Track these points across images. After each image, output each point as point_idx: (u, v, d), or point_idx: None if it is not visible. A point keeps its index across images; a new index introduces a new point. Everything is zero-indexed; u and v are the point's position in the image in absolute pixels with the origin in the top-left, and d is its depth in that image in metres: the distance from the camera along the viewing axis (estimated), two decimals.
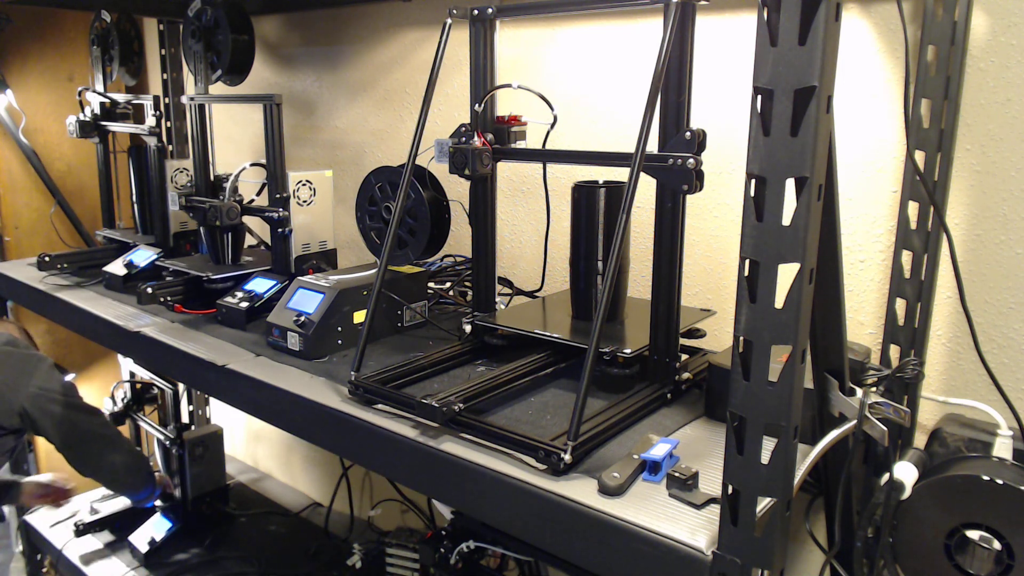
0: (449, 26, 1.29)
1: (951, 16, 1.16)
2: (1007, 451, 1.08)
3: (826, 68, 0.68)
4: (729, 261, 1.51)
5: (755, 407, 0.76)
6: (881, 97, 1.30)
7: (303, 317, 1.42)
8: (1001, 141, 1.19)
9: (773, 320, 0.73)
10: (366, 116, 2.13)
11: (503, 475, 1.00)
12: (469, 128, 1.33)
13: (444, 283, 1.75)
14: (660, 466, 0.97)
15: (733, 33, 1.44)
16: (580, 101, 1.66)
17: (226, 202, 1.73)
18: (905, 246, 1.25)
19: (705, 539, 0.85)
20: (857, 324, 1.37)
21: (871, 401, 1.00)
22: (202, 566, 2.13)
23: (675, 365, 1.21)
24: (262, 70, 2.35)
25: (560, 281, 1.71)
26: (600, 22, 1.61)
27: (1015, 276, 1.21)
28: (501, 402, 1.19)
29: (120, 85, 2.41)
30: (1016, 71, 1.17)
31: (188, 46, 1.93)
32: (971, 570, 0.98)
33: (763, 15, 0.69)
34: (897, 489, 1.00)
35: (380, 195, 1.55)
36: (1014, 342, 1.22)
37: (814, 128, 0.69)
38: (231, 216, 1.73)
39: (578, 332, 1.30)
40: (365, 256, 1.84)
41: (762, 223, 0.73)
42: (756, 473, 0.77)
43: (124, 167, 2.22)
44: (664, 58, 1.06)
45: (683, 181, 1.09)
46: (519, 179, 1.81)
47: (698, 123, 1.10)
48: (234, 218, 1.74)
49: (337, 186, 2.02)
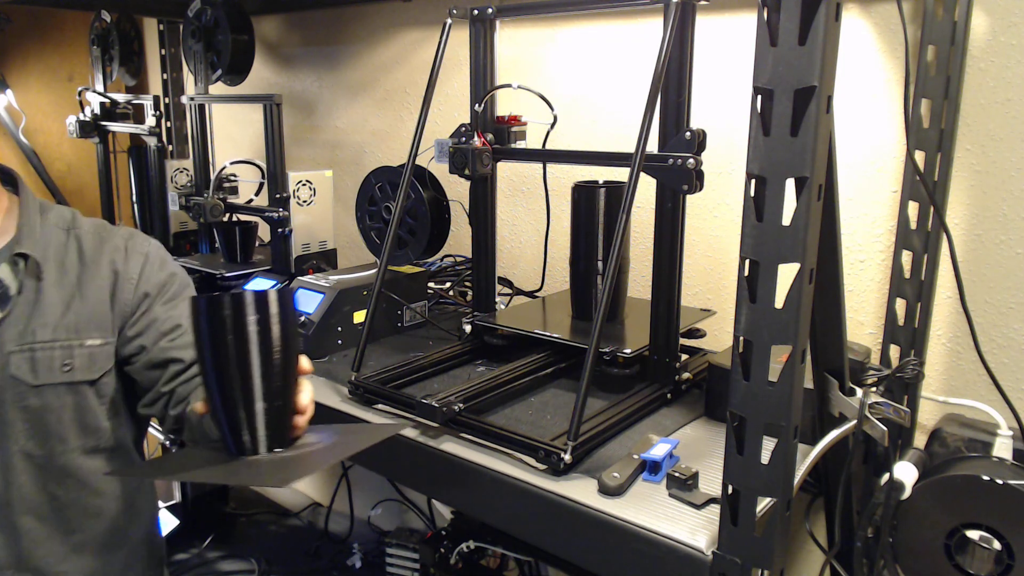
0: (449, 26, 1.29)
1: (951, 16, 1.16)
2: (1007, 451, 1.08)
3: (826, 68, 0.68)
4: (729, 261, 1.51)
5: (755, 407, 0.76)
6: (881, 97, 1.30)
7: (303, 317, 1.42)
8: (1001, 141, 1.19)
9: (773, 320, 0.73)
10: (366, 116, 2.13)
11: (503, 475, 1.00)
12: (469, 128, 1.33)
13: (444, 283, 1.75)
14: (660, 466, 0.97)
15: (733, 33, 1.44)
16: (580, 101, 1.66)
17: (210, 199, 1.74)
18: (905, 246, 1.25)
19: (705, 539, 0.85)
20: (857, 324, 1.37)
21: (871, 401, 1.00)
22: (202, 566, 2.13)
23: (675, 365, 1.21)
24: (262, 70, 2.35)
25: (560, 281, 1.71)
26: (600, 22, 1.61)
27: (1015, 276, 1.21)
28: (501, 402, 1.19)
29: (120, 85, 2.42)
30: (1016, 71, 1.17)
31: (188, 46, 1.94)
32: (971, 570, 0.98)
33: (763, 15, 0.69)
34: (897, 489, 1.00)
35: (380, 195, 1.55)
36: (1014, 342, 1.22)
37: (814, 128, 0.69)
38: (215, 213, 1.75)
39: (578, 332, 1.30)
40: (365, 256, 1.84)
41: (762, 223, 0.72)
42: (756, 473, 0.77)
43: (124, 167, 2.22)
44: (664, 58, 1.06)
45: (683, 181, 1.09)
46: (519, 179, 1.81)
47: (698, 123, 1.10)
48: (217, 215, 1.76)
49: (337, 186, 2.02)
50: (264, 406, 0.80)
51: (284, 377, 0.81)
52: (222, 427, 0.81)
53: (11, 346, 1.03)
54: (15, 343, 1.03)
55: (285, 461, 0.80)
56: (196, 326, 0.79)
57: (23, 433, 1.05)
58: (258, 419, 0.80)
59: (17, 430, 1.04)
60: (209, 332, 0.79)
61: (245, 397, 0.79)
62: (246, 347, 0.78)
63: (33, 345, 1.04)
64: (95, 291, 1.09)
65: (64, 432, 1.07)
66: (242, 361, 0.78)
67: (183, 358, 1.10)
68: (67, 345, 1.06)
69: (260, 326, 0.79)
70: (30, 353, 1.04)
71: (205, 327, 0.79)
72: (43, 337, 1.05)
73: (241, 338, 0.78)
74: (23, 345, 1.03)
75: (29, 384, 1.04)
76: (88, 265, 1.10)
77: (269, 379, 0.80)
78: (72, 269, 1.09)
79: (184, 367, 1.10)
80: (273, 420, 0.81)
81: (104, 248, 1.12)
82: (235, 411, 0.79)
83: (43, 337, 1.05)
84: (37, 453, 1.06)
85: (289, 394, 0.82)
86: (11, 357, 1.03)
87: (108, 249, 1.12)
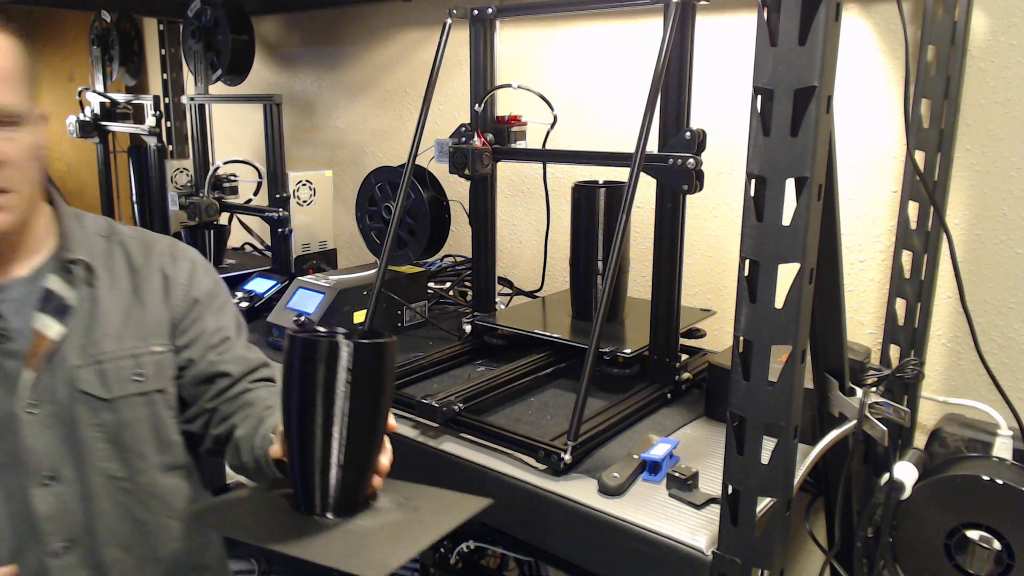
0: (449, 26, 1.29)
1: (951, 16, 1.16)
2: (1007, 451, 1.08)
3: (826, 68, 0.68)
4: (729, 261, 1.51)
5: (755, 407, 0.76)
6: (881, 97, 1.30)
7: (303, 317, 1.42)
8: (1001, 141, 1.19)
9: (773, 320, 0.73)
10: (366, 116, 2.13)
11: (503, 475, 1.00)
12: (469, 128, 1.33)
13: (444, 283, 1.75)
14: (660, 466, 0.97)
15: (733, 33, 1.44)
16: (580, 101, 1.66)
17: (205, 199, 1.73)
18: (905, 246, 1.25)
19: (705, 539, 0.85)
20: (857, 324, 1.37)
21: (871, 401, 1.00)
22: None
23: (675, 365, 1.21)
24: (262, 70, 2.35)
25: (560, 281, 1.71)
26: (600, 22, 1.61)
27: (1015, 276, 1.21)
28: (501, 402, 1.19)
29: (120, 85, 2.41)
30: (1016, 71, 1.17)
31: (188, 46, 1.94)
32: (971, 570, 0.98)
33: (763, 15, 0.69)
34: (897, 489, 1.00)
35: (380, 195, 1.55)
36: (1014, 342, 1.22)
37: (814, 128, 0.69)
38: (210, 213, 1.73)
39: (578, 332, 1.30)
40: (365, 256, 1.84)
41: (762, 223, 0.72)
42: (756, 473, 0.77)
43: (124, 167, 2.22)
44: (664, 58, 1.06)
45: (683, 181, 1.09)
46: (519, 179, 1.81)
47: (698, 123, 1.10)
48: (213, 214, 1.74)
49: (337, 186, 2.02)
50: (344, 467, 0.72)
51: (372, 437, 0.74)
52: (295, 479, 0.74)
53: (75, 360, 0.94)
54: (79, 357, 0.94)
55: (366, 534, 0.72)
56: (290, 368, 0.72)
57: (101, 453, 0.95)
58: (336, 480, 0.72)
59: (95, 451, 0.95)
60: (301, 377, 0.71)
61: (325, 453, 0.71)
62: (337, 400, 0.71)
63: (99, 357, 0.95)
64: (151, 297, 1.02)
65: (143, 448, 0.99)
66: (328, 414, 0.71)
67: (231, 372, 1.03)
68: (135, 353, 0.98)
69: (362, 377, 0.71)
70: (97, 366, 0.95)
71: (299, 370, 0.71)
72: (109, 348, 0.96)
73: (330, 389, 0.70)
74: (88, 358, 0.94)
75: (101, 399, 0.95)
76: (139, 271, 1.02)
77: (356, 439, 0.72)
78: (123, 276, 1.01)
79: (232, 382, 1.03)
80: (351, 483, 0.73)
81: (152, 253, 1.04)
82: (312, 467, 0.72)
83: (109, 348, 0.96)
84: (119, 475, 0.97)
85: (374, 455, 0.75)
86: (78, 372, 0.94)
87: (155, 254, 1.05)
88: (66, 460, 0.93)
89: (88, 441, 0.95)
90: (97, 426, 0.95)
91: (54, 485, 0.92)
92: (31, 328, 0.91)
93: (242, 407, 1.01)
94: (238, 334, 1.08)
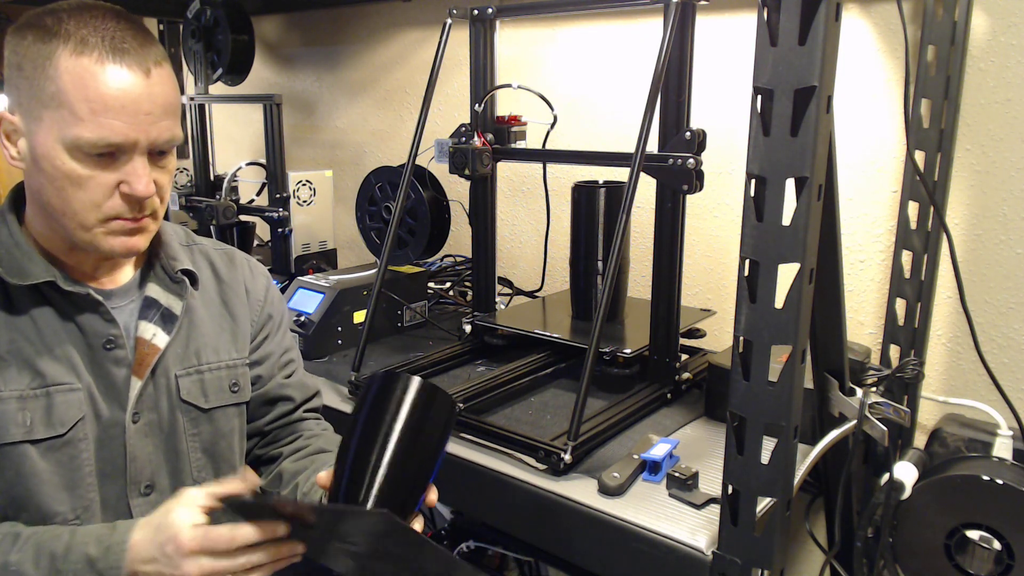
0: (449, 26, 1.29)
1: (951, 16, 1.16)
2: (1007, 451, 1.08)
3: (826, 68, 0.68)
4: (729, 261, 1.51)
5: (755, 407, 0.76)
6: (881, 97, 1.30)
7: (303, 317, 1.42)
8: (1001, 141, 1.19)
9: (773, 320, 0.73)
10: (366, 116, 2.13)
11: (503, 475, 1.00)
12: (469, 128, 1.33)
13: (444, 283, 1.75)
14: (660, 466, 0.97)
15: (733, 33, 1.44)
16: (580, 101, 1.66)
17: (223, 201, 1.73)
18: (905, 246, 1.25)
19: (705, 539, 0.85)
20: (857, 324, 1.37)
21: (871, 401, 1.00)
22: None
23: (675, 365, 1.21)
24: (262, 70, 2.35)
25: (560, 281, 1.71)
26: (600, 22, 1.61)
27: (1015, 276, 1.21)
28: (501, 402, 1.19)
29: None
30: (1016, 71, 1.17)
31: (188, 46, 1.94)
32: (971, 570, 0.98)
33: (763, 15, 0.69)
34: (897, 489, 1.00)
35: (380, 195, 1.55)
36: (1014, 342, 1.22)
37: (814, 128, 0.69)
38: (227, 215, 1.73)
39: (578, 332, 1.30)
40: (365, 256, 1.84)
41: (762, 223, 0.73)
42: (756, 473, 0.77)
43: None
44: (664, 58, 1.06)
45: (683, 181, 1.09)
46: (519, 179, 1.81)
47: (698, 123, 1.10)
48: (230, 217, 1.74)
49: (337, 186, 2.02)
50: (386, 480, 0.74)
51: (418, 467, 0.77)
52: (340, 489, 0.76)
53: (177, 369, 0.92)
54: (180, 366, 0.93)
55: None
56: (364, 401, 0.77)
57: (197, 463, 0.95)
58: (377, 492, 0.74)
59: (191, 460, 0.94)
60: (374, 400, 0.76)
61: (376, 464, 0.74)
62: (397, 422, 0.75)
63: (200, 367, 0.94)
64: (238, 308, 1.01)
65: (233, 459, 0.99)
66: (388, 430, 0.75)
67: (294, 397, 1.04)
68: (232, 364, 0.98)
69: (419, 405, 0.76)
70: (198, 375, 0.94)
71: (373, 394, 0.76)
72: (209, 358, 0.95)
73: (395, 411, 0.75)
74: (188, 368, 0.93)
75: (201, 409, 0.94)
76: (225, 281, 1.01)
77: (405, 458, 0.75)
78: (210, 286, 1.00)
79: (292, 408, 1.04)
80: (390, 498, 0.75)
81: (235, 264, 1.03)
82: (362, 473, 0.74)
83: (209, 358, 0.95)
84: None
85: (417, 486, 0.78)
86: (180, 381, 0.92)
87: (237, 265, 1.03)
88: (163, 469, 0.92)
89: (185, 451, 0.94)
90: (195, 436, 0.94)
91: (152, 495, 0.91)
92: (136, 336, 0.90)
93: (291, 435, 1.04)
94: (299, 358, 1.09)
